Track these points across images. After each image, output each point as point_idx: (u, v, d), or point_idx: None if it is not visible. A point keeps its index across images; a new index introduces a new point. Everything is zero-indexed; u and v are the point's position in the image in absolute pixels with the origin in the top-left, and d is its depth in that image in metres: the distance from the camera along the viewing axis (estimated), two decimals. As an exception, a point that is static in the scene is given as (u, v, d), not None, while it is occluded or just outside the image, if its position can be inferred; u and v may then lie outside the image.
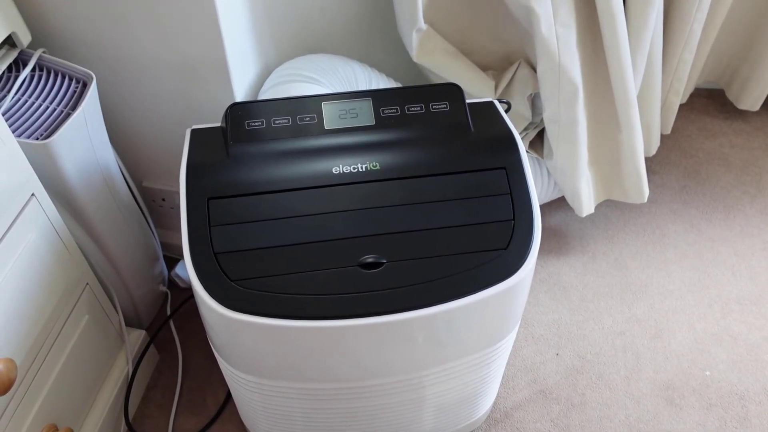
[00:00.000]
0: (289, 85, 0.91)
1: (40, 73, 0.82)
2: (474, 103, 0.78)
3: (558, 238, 1.26)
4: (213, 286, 0.64)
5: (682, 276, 1.19)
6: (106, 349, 0.93)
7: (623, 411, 1.00)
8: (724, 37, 1.36)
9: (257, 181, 0.69)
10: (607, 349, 1.08)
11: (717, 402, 1.01)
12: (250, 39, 0.93)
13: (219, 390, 1.03)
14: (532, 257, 0.67)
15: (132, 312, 1.04)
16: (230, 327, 0.66)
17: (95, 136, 0.83)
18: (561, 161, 1.08)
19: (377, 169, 0.71)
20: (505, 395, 1.02)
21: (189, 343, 1.09)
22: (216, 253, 0.66)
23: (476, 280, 0.65)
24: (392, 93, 0.77)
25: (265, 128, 0.73)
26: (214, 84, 0.90)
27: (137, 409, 1.01)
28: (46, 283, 0.75)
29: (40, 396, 0.77)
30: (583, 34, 0.98)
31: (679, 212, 1.30)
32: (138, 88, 0.93)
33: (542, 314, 1.14)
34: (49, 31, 0.87)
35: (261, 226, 0.67)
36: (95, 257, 0.90)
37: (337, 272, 0.65)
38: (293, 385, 0.73)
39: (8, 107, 0.77)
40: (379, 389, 0.75)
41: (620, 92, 1.02)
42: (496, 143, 0.74)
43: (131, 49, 0.88)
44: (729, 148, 1.43)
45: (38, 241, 0.73)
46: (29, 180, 0.71)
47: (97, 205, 0.87)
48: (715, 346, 1.08)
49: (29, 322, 0.72)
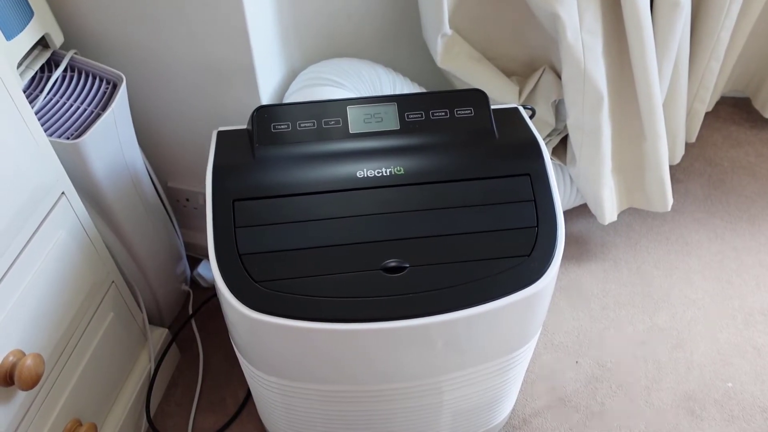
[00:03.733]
0: (315, 88, 0.92)
1: (71, 74, 0.83)
2: (499, 109, 0.78)
3: (579, 246, 1.25)
4: (237, 287, 0.65)
5: (705, 285, 1.18)
6: (130, 347, 0.94)
7: (643, 421, 0.99)
8: (751, 45, 1.34)
9: (282, 184, 0.70)
10: (628, 358, 1.07)
11: (739, 414, 1.00)
12: (276, 43, 0.94)
13: (239, 389, 1.04)
14: (555, 264, 0.67)
15: (155, 310, 1.06)
16: (253, 327, 0.66)
17: (124, 136, 0.85)
18: (584, 168, 1.08)
19: (401, 173, 0.71)
20: (523, 402, 1.02)
21: (210, 343, 1.10)
22: (241, 254, 0.66)
23: (498, 287, 0.65)
24: (417, 98, 0.77)
25: (291, 131, 0.74)
26: (240, 87, 0.91)
27: (158, 406, 1.02)
28: (73, 281, 0.76)
29: (65, 391, 0.78)
30: (609, 41, 0.98)
31: (702, 221, 1.29)
32: (165, 89, 0.95)
33: (563, 322, 1.13)
34: (81, 32, 0.89)
35: (285, 228, 0.68)
36: (121, 256, 0.92)
37: (360, 275, 0.66)
38: (313, 387, 0.74)
39: (41, 107, 0.79)
40: (398, 393, 0.75)
41: (645, 100, 1.02)
42: (521, 149, 0.74)
43: (160, 51, 0.89)
44: (755, 157, 1.42)
45: (67, 239, 0.74)
46: (60, 179, 0.72)
47: (124, 205, 0.88)
48: (738, 358, 1.07)
49: (57, 319, 0.74)
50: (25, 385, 0.65)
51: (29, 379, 0.65)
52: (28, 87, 0.81)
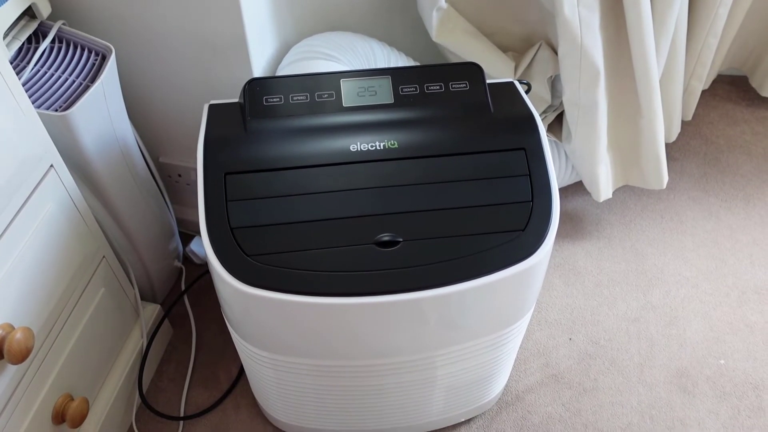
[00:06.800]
0: (308, 62, 0.90)
1: (59, 45, 0.82)
2: (494, 84, 0.77)
3: (574, 223, 1.25)
4: (229, 261, 0.64)
5: (699, 264, 1.18)
6: (121, 322, 0.94)
7: (635, 397, 1.00)
8: (749, 22, 1.33)
9: (274, 157, 0.69)
10: (621, 336, 1.08)
11: (731, 391, 1.00)
12: (269, 15, 0.92)
13: (231, 365, 1.04)
14: (549, 240, 0.66)
15: (147, 286, 1.05)
16: (245, 301, 0.66)
17: (113, 109, 0.83)
18: (580, 145, 1.07)
19: (395, 147, 0.70)
20: (517, 378, 1.02)
21: (203, 319, 1.10)
22: (232, 228, 0.66)
23: (492, 261, 0.65)
24: (412, 71, 0.76)
25: (283, 104, 0.73)
26: (232, 59, 0.90)
27: (151, 382, 1.02)
28: (63, 255, 0.75)
29: (56, 366, 0.78)
30: (606, 16, 0.96)
31: (698, 199, 1.29)
32: (156, 62, 0.93)
33: (556, 299, 1.13)
34: (68, 2, 0.87)
35: (277, 202, 0.67)
36: (112, 231, 0.91)
37: (353, 250, 0.65)
38: (305, 362, 0.73)
39: (28, 78, 0.77)
40: (391, 368, 0.75)
41: (642, 76, 1.01)
42: (516, 124, 0.73)
43: (150, 22, 0.87)
44: (751, 135, 1.41)
45: (56, 212, 0.73)
46: (48, 151, 0.71)
47: (114, 179, 0.87)
48: (731, 335, 1.07)
49: (46, 292, 0.73)
50: (15, 359, 0.64)
51: (19, 352, 0.64)
52: (15, 58, 0.79)
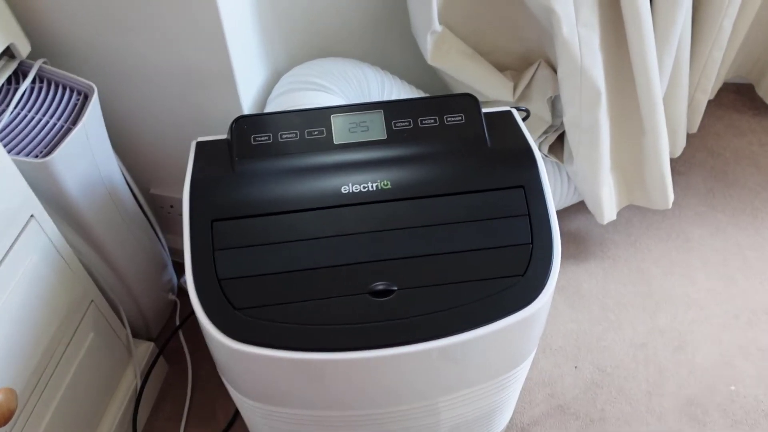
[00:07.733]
0: (298, 93, 0.87)
1: (40, 85, 0.79)
2: (491, 113, 0.74)
3: (577, 243, 1.22)
4: (217, 315, 0.62)
5: (708, 284, 1.14)
6: (113, 365, 0.91)
7: (644, 427, 0.97)
8: (755, 30, 1.30)
9: (263, 201, 0.66)
10: (628, 362, 1.04)
11: (742, 419, 0.97)
12: (257, 44, 0.89)
13: (229, 402, 1.01)
14: (551, 284, 0.63)
15: (140, 323, 1.02)
16: (235, 357, 0.63)
17: (98, 149, 0.81)
18: (582, 166, 1.04)
19: (388, 188, 0.67)
20: (521, 410, 0.99)
21: (199, 354, 1.07)
22: (220, 279, 0.63)
23: (491, 310, 0.62)
24: (405, 104, 0.74)
25: (272, 143, 0.71)
26: (220, 92, 0.87)
27: (147, 422, 1.00)
28: (48, 305, 0.73)
29: (44, 420, 0.75)
30: (606, 33, 0.93)
31: (704, 215, 1.25)
32: (142, 97, 0.90)
33: (561, 324, 1.10)
34: (49, 40, 0.84)
35: (266, 250, 0.64)
36: (100, 271, 0.88)
37: (346, 300, 0.62)
38: (302, 413, 0.71)
39: (6, 123, 0.75)
40: (390, 416, 0.72)
41: (645, 94, 0.98)
42: (514, 158, 0.70)
43: (133, 58, 0.84)
44: (758, 146, 1.38)
45: (39, 262, 0.71)
46: (27, 201, 0.68)
47: (101, 219, 0.84)
48: (742, 360, 1.04)
49: (31, 348, 0.70)
50: (-3, 422, 0.62)
51: (0, 416, 0.61)
52: (-6, 101, 0.77)
